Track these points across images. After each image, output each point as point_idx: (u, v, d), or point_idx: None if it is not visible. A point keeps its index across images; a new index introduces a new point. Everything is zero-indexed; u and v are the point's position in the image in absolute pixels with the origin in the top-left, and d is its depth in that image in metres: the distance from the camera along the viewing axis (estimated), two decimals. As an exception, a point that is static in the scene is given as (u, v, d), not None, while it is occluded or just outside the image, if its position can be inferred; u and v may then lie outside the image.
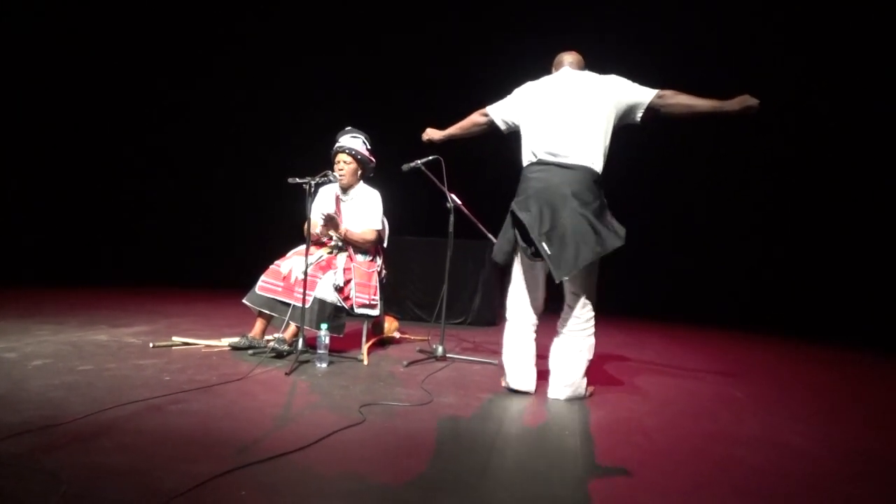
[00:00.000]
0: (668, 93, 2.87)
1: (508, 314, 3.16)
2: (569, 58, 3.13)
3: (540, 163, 2.94)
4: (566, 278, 2.83)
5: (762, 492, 1.95)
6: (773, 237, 7.87)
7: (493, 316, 6.01)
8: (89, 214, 8.27)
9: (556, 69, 3.15)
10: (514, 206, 2.97)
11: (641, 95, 2.90)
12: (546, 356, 3.10)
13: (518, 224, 2.93)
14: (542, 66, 3.25)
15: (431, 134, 3.53)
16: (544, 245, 2.79)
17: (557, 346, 3.05)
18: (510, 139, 3.28)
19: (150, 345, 3.63)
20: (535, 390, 3.10)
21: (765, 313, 7.63)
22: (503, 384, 3.19)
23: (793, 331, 6.97)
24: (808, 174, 7.59)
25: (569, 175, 2.85)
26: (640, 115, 2.94)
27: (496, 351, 4.32)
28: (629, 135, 3.08)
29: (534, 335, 3.12)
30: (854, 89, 7.15)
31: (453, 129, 3.42)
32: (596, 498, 1.81)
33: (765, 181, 7.79)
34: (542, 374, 3.15)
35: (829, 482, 2.11)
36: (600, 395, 3.19)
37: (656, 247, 7.63)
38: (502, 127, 3.21)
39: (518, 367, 3.10)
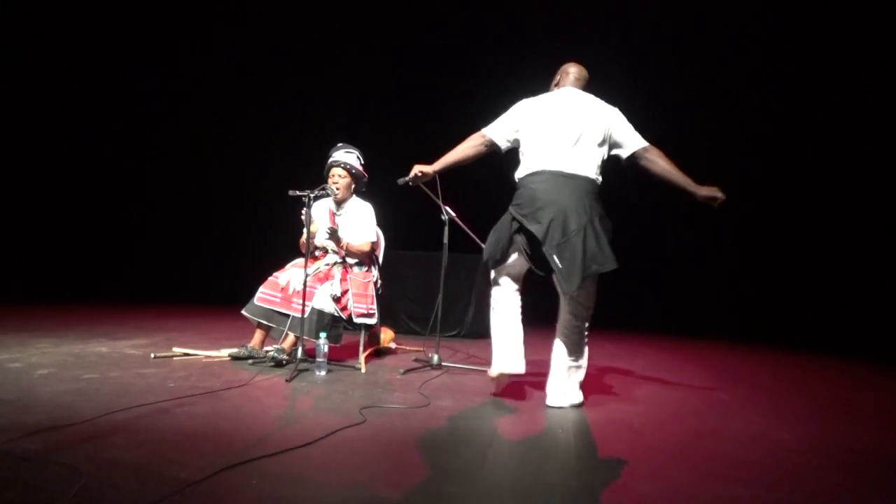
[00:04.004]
0: (654, 151, 2.98)
1: (494, 299, 3.14)
2: (574, 71, 3.14)
3: (542, 172, 2.93)
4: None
5: (744, 480, 2.05)
6: (755, 250, 8.04)
7: (487, 329, 6.07)
8: (83, 231, 8.34)
9: (562, 80, 3.17)
10: (518, 216, 2.93)
11: (631, 140, 3.00)
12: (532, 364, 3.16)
13: (524, 234, 2.92)
14: (536, 82, 3.32)
15: (421, 169, 3.24)
16: (555, 258, 2.79)
17: (559, 354, 3.02)
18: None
19: (152, 355, 3.70)
20: (525, 372, 3.09)
21: (751, 325, 7.77)
22: (492, 374, 3.14)
23: (777, 341, 7.11)
24: (789, 190, 7.79)
25: (574, 184, 2.87)
26: (625, 155, 3.03)
27: (491, 361, 4.42)
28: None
29: (520, 316, 3.12)
30: (843, 95, 7.35)
31: (448, 159, 3.18)
32: (588, 486, 1.91)
33: (749, 197, 7.94)
34: (537, 385, 3.24)
35: (809, 472, 2.21)
36: (593, 397, 3.27)
37: (644, 259, 7.75)
38: (503, 146, 3.14)
39: (508, 349, 3.08)
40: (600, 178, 2.99)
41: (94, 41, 8.10)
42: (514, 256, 3.05)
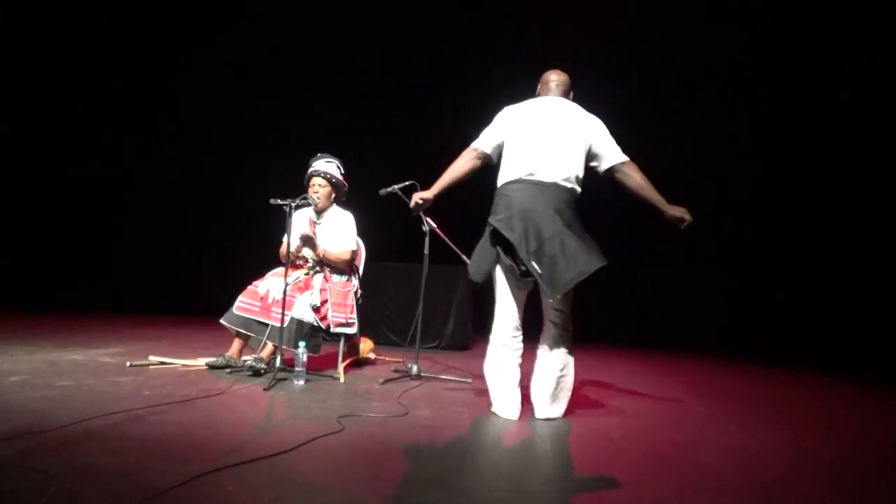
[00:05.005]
0: (631, 165, 3.05)
1: (496, 336, 3.04)
2: (555, 79, 3.18)
3: (520, 181, 2.97)
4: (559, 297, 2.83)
5: (721, 490, 2.08)
6: (733, 264, 8.13)
7: (467, 340, 6.11)
8: (60, 238, 8.21)
9: (543, 88, 3.21)
10: (494, 223, 2.95)
11: (610, 153, 3.06)
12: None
13: (502, 242, 2.93)
14: (517, 89, 3.36)
15: (421, 196, 3.24)
16: (534, 264, 2.79)
17: (545, 364, 2.99)
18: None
19: (128, 363, 3.65)
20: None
21: (729, 338, 7.85)
22: (492, 409, 3.06)
23: (754, 354, 7.19)
24: (767, 205, 7.92)
25: (550, 193, 2.91)
26: (603, 167, 3.09)
27: (470, 372, 4.44)
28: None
29: (520, 359, 3.03)
30: (831, 106, 7.46)
31: (445, 179, 3.17)
32: (566, 496, 1.92)
33: (725, 217, 8.03)
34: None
35: (785, 482, 2.24)
36: (572, 408, 3.27)
37: (621, 272, 7.80)
38: (494, 156, 3.15)
39: (506, 393, 2.99)
40: (579, 189, 3.02)
41: (74, 50, 8.03)
42: (506, 278, 3.01)
